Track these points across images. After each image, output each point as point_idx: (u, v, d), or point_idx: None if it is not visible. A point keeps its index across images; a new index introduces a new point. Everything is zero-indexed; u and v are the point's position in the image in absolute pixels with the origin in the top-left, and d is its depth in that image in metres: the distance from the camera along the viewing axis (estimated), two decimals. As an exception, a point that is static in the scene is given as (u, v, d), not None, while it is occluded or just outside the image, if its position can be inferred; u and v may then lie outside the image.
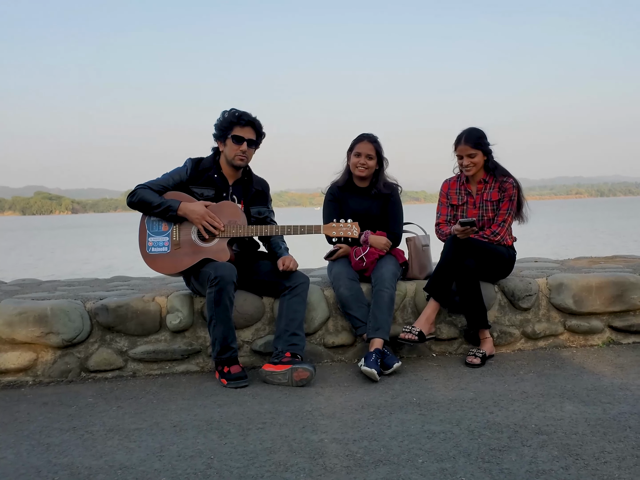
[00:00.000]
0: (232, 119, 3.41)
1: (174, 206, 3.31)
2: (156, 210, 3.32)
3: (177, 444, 2.42)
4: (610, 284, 3.79)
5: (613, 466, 2.11)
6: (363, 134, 3.86)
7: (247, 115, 3.44)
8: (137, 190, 3.37)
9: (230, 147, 3.43)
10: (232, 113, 3.43)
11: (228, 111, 3.45)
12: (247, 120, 3.43)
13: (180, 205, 3.31)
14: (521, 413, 2.66)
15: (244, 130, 3.43)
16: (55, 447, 2.43)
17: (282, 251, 3.57)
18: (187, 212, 3.31)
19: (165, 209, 3.31)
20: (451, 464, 2.17)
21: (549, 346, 3.79)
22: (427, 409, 2.75)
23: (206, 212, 3.30)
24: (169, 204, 3.31)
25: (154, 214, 3.35)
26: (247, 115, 3.44)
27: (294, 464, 2.21)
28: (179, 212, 3.31)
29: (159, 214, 3.34)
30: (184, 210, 3.31)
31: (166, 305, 3.46)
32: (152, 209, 3.33)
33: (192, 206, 3.32)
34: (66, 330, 3.30)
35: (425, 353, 3.71)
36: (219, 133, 3.46)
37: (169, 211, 3.31)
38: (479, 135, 3.67)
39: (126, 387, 3.24)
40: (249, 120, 3.44)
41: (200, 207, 3.32)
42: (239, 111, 3.44)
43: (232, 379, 3.17)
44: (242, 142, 3.42)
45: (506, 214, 3.67)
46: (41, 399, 3.06)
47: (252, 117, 3.46)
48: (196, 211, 3.30)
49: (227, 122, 3.41)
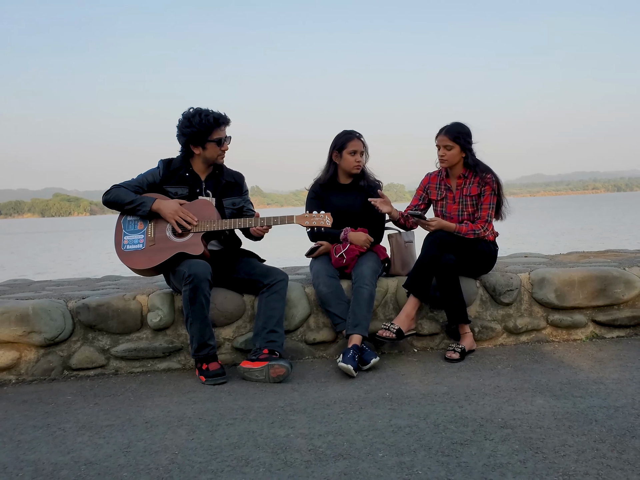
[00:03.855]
0: (212, 123, 3.40)
1: (147, 202, 3.36)
2: (129, 207, 3.37)
3: (145, 440, 2.46)
4: (593, 278, 3.77)
5: (571, 459, 2.11)
6: (352, 131, 3.87)
7: (222, 117, 3.46)
8: (112, 189, 3.43)
9: (212, 150, 3.46)
10: (209, 118, 3.39)
11: (198, 115, 3.39)
12: (223, 121, 3.46)
13: (155, 202, 3.36)
14: (490, 407, 2.67)
15: (221, 130, 3.47)
16: (25, 444, 2.47)
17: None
18: (160, 208, 3.35)
19: (139, 205, 3.36)
20: (410, 457, 2.18)
21: (531, 341, 3.78)
22: (398, 403, 2.77)
23: (179, 208, 3.35)
24: (143, 200, 3.37)
25: (128, 210, 3.40)
26: (222, 117, 3.46)
27: (255, 458, 2.24)
28: (152, 208, 3.35)
29: (132, 211, 3.39)
30: (158, 205, 3.35)
31: (147, 304, 3.51)
32: (125, 206, 3.38)
33: (165, 202, 3.37)
34: (48, 329, 3.35)
35: (407, 349, 3.72)
36: (194, 139, 3.43)
37: (142, 207, 3.36)
38: (460, 131, 3.66)
39: (107, 385, 3.28)
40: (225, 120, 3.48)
41: (173, 203, 3.37)
42: (213, 114, 3.42)
43: (210, 375, 3.21)
44: (224, 143, 3.48)
45: (489, 208, 3.66)
46: (21, 397, 3.11)
47: (225, 116, 3.49)
48: (169, 206, 3.35)
49: (203, 127, 3.38)
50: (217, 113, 3.45)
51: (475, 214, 3.70)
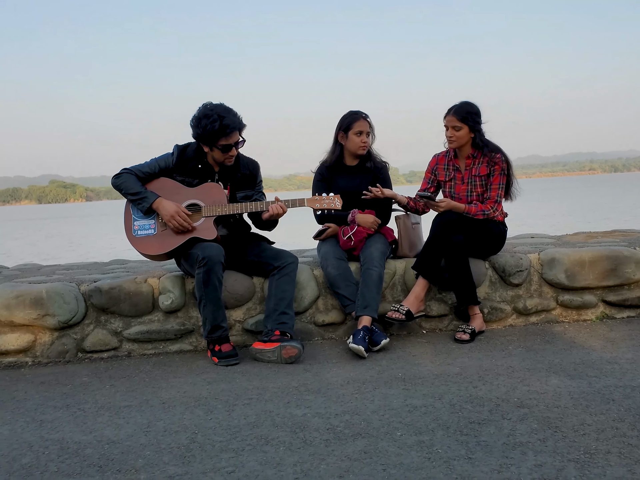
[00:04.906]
0: (216, 132, 3.25)
1: (149, 199, 3.35)
2: (132, 197, 3.39)
3: (164, 420, 2.49)
4: (604, 258, 3.78)
5: (591, 438, 2.14)
6: (357, 111, 3.84)
7: (232, 123, 3.28)
8: (123, 174, 3.43)
9: (218, 154, 3.38)
10: (217, 124, 3.23)
11: (207, 120, 3.24)
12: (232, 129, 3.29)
13: (156, 200, 3.35)
14: (505, 387, 2.69)
15: (230, 137, 3.31)
16: (48, 424, 2.51)
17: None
18: (159, 208, 3.35)
19: (141, 199, 3.36)
20: (429, 436, 2.21)
21: (541, 321, 3.80)
22: (412, 384, 2.79)
23: (176, 212, 3.32)
24: (146, 195, 3.36)
25: (130, 200, 3.42)
26: (232, 123, 3.28)
27: (275, 437, 2.26)
28: (152, 206, 3.36)
29: (135, 202, 3.40)
30: (157, 205, 3.35)
31: (158, 287, 3.52)
32: (130, 195, 3.39)
33: (165, 203, 3.34)
34: (62, 312, 3.37)
35: (416, 330, 3.74)
36: (202, 140, 3.35)
37: (144, 202, 3.36)
38: (469, 110, 3.63)
39: (120, 367, 3.31)
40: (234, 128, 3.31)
41: (172, 206, 3.33)
42: (223, 121, 3.24)
43: (223, 357, 3.23)
44: (232, 149, 3.37)
45: (498, 188, 3.66)
46: (39, 379, 3.15)
47: (237, 122, 3.31)
48: (167, 209, 3.32)
49: (208, 133, 3.27)
50: (227, 120, 3.25)
51: (485, 194, 3.70)
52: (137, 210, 3.43)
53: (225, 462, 2.08)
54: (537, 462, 1.98)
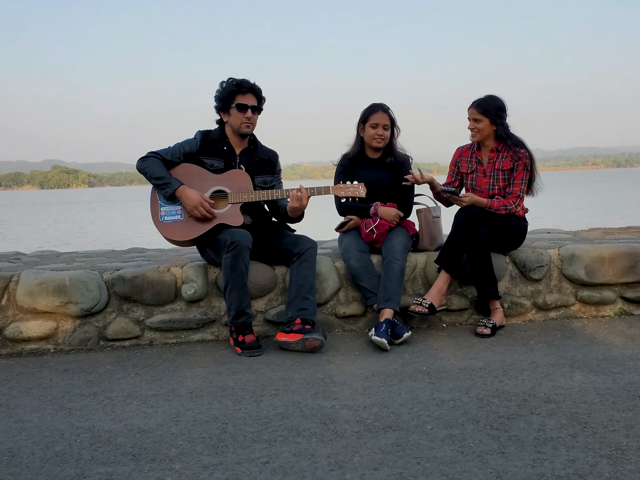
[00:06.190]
0: (233, 88, 3.43)
1: (173, 185, 3.38)
2: (156, 182, 3.41)
3: (192, 410, 2.50)
4: (623, 254, 3.79)
5: (621, 434, 2.15)
6: (375, 104, 3.85)
7: (247, 82, 3.46)
8: (149, 157, 3.45)
9: (235, 116, 3.46)
10: (231, 82, 3.45)
11: (226, 81, 3.46)
12: (248, 88, 3.45)
13: (179, 188, 3.38)
14: (530, 382, 2.70)
15: (245, 97, 3.45)
16: (76, 412, 2.52)
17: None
18: (182, 197, 3.38)
19: (164, 185, 3.39)
20: (460, 430, 2.22)
21: (560, 317, 3.81)
22: (437, 377, 2.80)
23: (199, 202, 3.35)
24: (170, 181, 3.39)
25: (154, 184, 3.44)
26: (247, 82, 3.46)
27: (306, 428, 2.28)
28: (175, 193, 3.38)
29: (158, 187, 3.42)
30: (181, 193, 3.38)
31: (181, 276, 3.53)
32: (154, 180, 3.42)
33: (189, 192, 3.37)
34: (84, 300, 3.39)
35: (436, 323, 3.75)
36: (220, 104, 3.49)
37: (167, 188, 3.38)
38: (491, 104, 3.65)
39: (143, 355, 3.32)
40: (250, 87, 3.47)
41: (196, 195, 3.37)
42: (238, 79, 3.45)
43: (247, 348, 3.25)
44: (247, 110, 3.45)
45: (521, 183, 3.66)
46: (62, 366, 3.16)
47: (252, 83, 3.49)
48: (191, 198, 3.36)
49: (227, 91, 3.43)
50: (243, 79, 3.46)
51: (507, 188, 3.70)
52: (162, 195, 3.44)
53: (259, 453, 2.09)
54: (570, 457, 1.99)
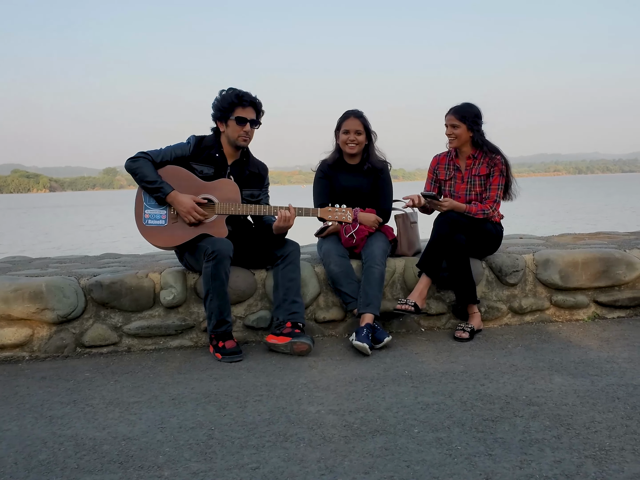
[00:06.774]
0: (234, 99, 3.37)
1: (165, 190, 3.32)
2: (148, 185, 3.33)
3: (177, 416, 2.47)
4: (596, 259, 3.88)
5: (604, 435, 2.20)
6: (348, 111, 3.87)
7: (249, 95, 3.41)
8: (140, 158, 3.36)
9: (233, 128, 3.41)
10: (232, 94, 3.38)
11: (227, 91, 3.41)
12: (249, 101, 3.40)
13: (171, 193, 3.32)
14: (511, 385, 2.74)
15: (245, 111, 3.40)
16: (57, 420, 2.47)
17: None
18: (174, 202, 3.33)
19: (156, 189, 3.32)
20: (446, 433, 2.24)
21: (535, 321, 3.88)
22: (419, 381, 2.83)
23: (193, 207, 3.32)
24: (162, 186, 3.32)
25: (144, 187, 3.36)
26: (249, 95, 3.41)
27: (293, 434, 2.27)
28: (167, 199, 3.33)
29: (149, 190, 3.35)
30: (173, 198, 3.32)
31: (160, 282, 3.49)
32: (145, 183, 3.33)
33: (181, 197, 3.32)
34: (61, 307, 3.32)
35: (414, 328, 3.78)
36: (218, 114, 3.42)
37: (159, 193, 3.32)
38: (468, 111, 3.73)
39: (122, 362, 3.27)
40: (251, 101, 3.41)
41: (189, 200, 3.32)
42: (240, 91, 3.39)
43: (227, 353, 3.22)
44: (246, 124, 3.40)
45: (498, 189, 3.74)
46: (39, 374, 3.09)
47: (253, 97, 3.43)
48: (184, 204, 3.31)
49: (227, 102, 3.37)
50: (245, 92, 3.40)
51: (483, 194, 3.77)
52: (150, 198, 3.38)
53: (248, 459, 2.08)
54: (556, 458, 2.03)
